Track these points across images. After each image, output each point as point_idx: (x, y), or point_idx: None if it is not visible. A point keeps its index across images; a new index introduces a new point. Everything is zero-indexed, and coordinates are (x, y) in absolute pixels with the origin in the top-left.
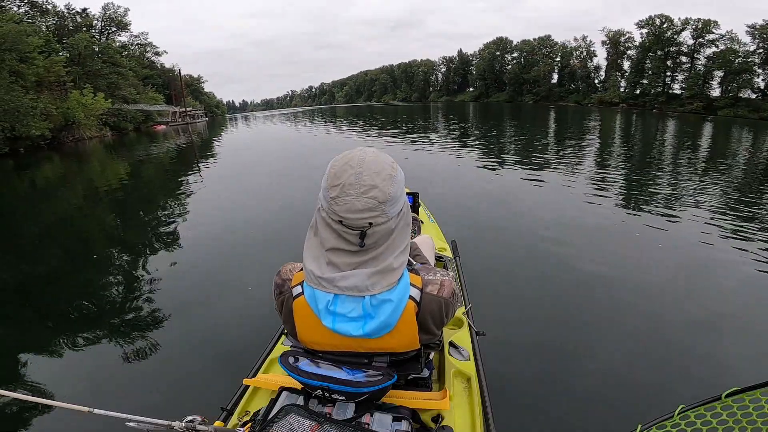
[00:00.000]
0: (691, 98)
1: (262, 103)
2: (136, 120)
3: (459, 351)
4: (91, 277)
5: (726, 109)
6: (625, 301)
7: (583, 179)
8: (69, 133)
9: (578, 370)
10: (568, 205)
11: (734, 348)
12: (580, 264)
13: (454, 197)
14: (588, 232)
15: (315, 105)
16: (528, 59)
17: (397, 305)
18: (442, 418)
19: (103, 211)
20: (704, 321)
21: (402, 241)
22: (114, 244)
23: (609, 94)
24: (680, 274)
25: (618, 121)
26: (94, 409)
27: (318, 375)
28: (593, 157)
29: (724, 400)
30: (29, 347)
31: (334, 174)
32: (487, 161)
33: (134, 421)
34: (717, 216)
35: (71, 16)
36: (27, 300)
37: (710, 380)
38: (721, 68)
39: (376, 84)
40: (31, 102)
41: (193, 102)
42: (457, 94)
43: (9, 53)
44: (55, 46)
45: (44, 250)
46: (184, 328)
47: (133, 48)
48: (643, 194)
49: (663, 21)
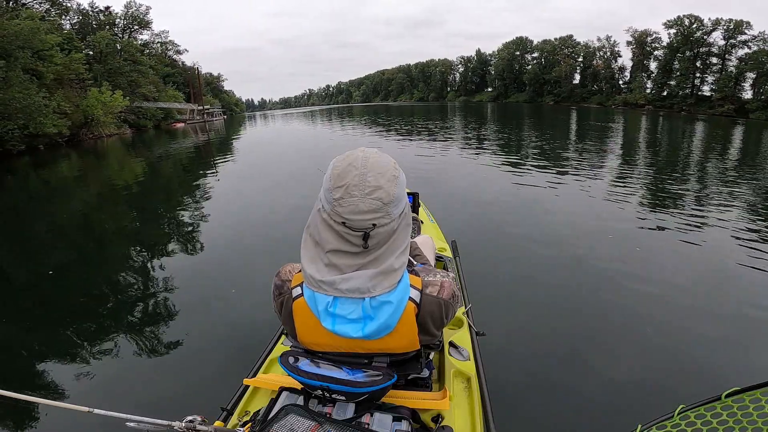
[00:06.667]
0: (721, 100)
1: (280, 101)
2: (155, 118)
3: (459, 351)
4: (94, 278)
5: (758, 112)
6: (625, 302)
7: (589, 181)
8: (88, 130)
9: (578, 370)
10: (569, 206)
11: (734, 348)
12: (580, 264)
13: (454, 197)
14: (589, 233)
15: (332, 104)
16: (549, 59)
17: (397, 307)
18: (442, 418)
19: (113, 210)
20: (704, 321)
21: (403, 241)
22: (120, 245)
23: (634, 96)
24: (681, 275)
25: (643, 123)
26: (94, 409)
27: (318, 375)
28: (604, 159)
29: (724, 400)
30: (29, 347)
31: (337, 175)
32: (490, 161)
33: (134, 421)
34: (731, 221)
35: (94, 14)
36: (31, 298)
37: (710, 380)
38: (754, 70)
39: (393, 83)
40: (43, 100)
41: (212, 100)
42: (474, 94)
43: (22, 51)
44: (78, 43)
45: (53, 249)
46: (185, 328)
47: (154, 46)
48: (648, 196)
49: (692, 21)
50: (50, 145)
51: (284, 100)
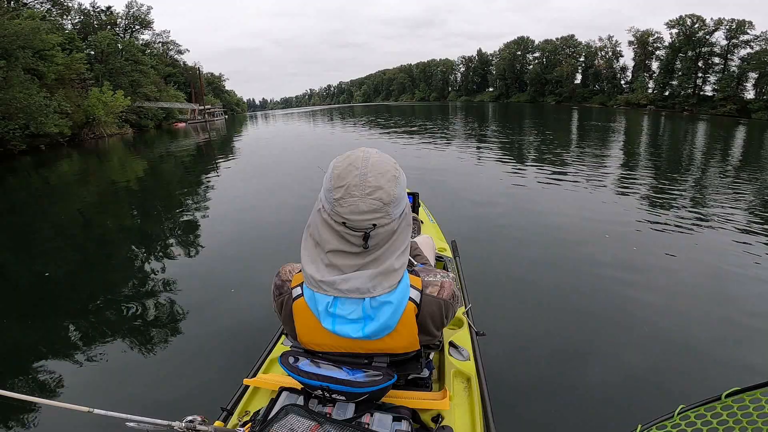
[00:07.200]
0: (723, 100)
1: (281, 101)
2: (157, 117)
3: (459, 351)
4: (95, 277)
5: (761, 112)
6: (625, 302)
7: (589, 181)
8: (89, 130)
9: (578, 370)
10: (569, 206)
11: (734, 348)
12: (581, 264)
13: (454, 197)
14: (589, 233)
15: (333, 104)
16: (550, 59)
17: (397, 307)
18: (442, 418)
19: (114, 210)
20: (704, 321)
21: (403, 241)
22: (121, 245)
23: (636, 96)
24: (681, 276)
25: (645, 123)
26: (94, 409)
27: (318, 375)
28: (606, 158)
29: (724, 400)
30: (30, 347)
31: (337, 175)
32: (490, 161)
33: (134, 421)
34: (732, 221)
35: (96, 14)
36: (32, 298)
37: (710, 380)
38: (756, 70)
39: (394, 83)
40: (44, 100)
41: (213, 100)
42: (476, 94)
43: (23, 51)
44: (79, 43)
45: (54, 248)
46: (185, 328)
47: (155, 46)
48: (647, 197)
49: (694, 21)
50: (51, 144)
51: (285, 100)
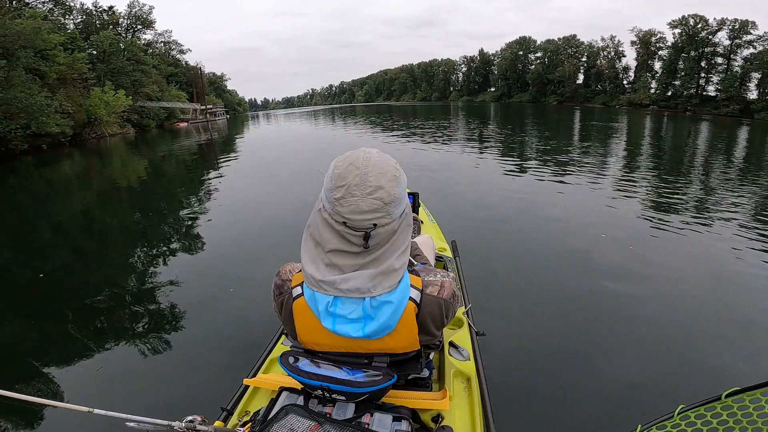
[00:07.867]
0: (726, 101)
1: (283, 101)
2: (158, 117)
3: (459, 351)
4: (95, 277)
5: (764, 112)
6: (625, 302)
7: (590, 182)
8: (91, 129)
9: (578, 370)
10: (570, 206)
11: (734, 348)
12: (581, 264)
13: (454, 197)
14: (589, 233)
15: (335, 103)
16: (552, 59)
17: (397, 307)
18: (442, 418)
19: (115, 209)
20: (704, 321)
21: (403, 241)
22: (121, 244)
23: (638, 96)
24: (681, 276)
25: (647, 123)
26: (94, 409)
27: (318, 375)
28: (607, 158)
29: (724, 400)
30: (30, 346)
31: (338, 175)
32: (490, 161)
33: (134, 421)
34: (732, 220)
35: (98, 13)
36: (32, 297)
37: (710, 380)
38: (759, 70)
39: (396, 83)
40: (45, 100)
41: (215, 99)
42: (477, 94)
43: (24, 50)
44: (81, 43)
45: (55, 248)
46: (185, 328)
47: (157, 45)
48: (650, 197)
49: (697, 21)
50: (53, 144)
51: (287, 100)
